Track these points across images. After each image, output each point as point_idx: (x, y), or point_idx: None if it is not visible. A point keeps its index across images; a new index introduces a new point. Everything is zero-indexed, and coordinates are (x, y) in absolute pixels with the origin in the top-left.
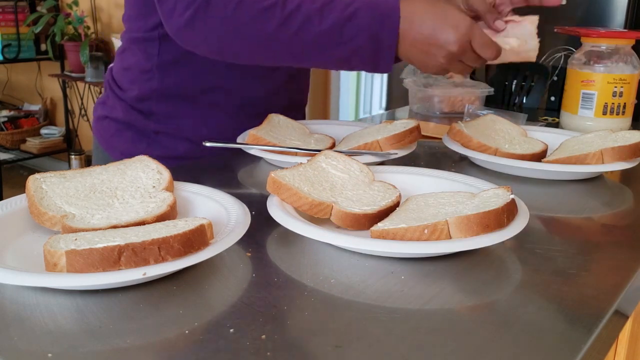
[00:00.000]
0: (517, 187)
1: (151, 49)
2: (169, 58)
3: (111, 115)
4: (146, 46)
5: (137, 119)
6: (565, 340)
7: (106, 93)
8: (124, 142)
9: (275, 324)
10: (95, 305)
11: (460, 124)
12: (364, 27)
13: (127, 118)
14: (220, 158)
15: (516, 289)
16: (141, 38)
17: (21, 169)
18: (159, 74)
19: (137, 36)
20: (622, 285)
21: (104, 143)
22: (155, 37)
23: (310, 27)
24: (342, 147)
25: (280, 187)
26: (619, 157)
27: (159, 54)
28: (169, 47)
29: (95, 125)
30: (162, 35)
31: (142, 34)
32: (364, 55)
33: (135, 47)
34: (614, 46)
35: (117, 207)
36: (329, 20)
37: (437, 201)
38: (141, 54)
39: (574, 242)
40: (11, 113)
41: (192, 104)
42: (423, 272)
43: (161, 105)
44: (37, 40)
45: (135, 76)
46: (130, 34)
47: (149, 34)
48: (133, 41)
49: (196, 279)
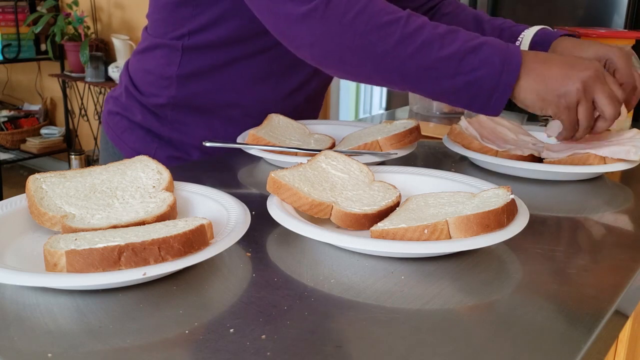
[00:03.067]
0: (517, 187)
1: (174, 57)
2: (190, 69)
3: (124, 112)
4: (169, 53)
5: (151, 121)
6: (565, 340)
7: (121, 89)
8: (135, 140)
9: (275, 324)
10: (95, 305)
11: (462, 122)
12: (488, 61)
13: (140, 119)
14: (220, 158)
15: (516, 289)
16: (164, 44)
17: (21, 169)
18: (177, 83)
19: (160, 42)
20: (622, 285)
21: (114, 138)
22: (179, 47)
23: (429, 51)
24: (342, 147)
25: (280, 187)
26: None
27: (180, 64)
28: (191, 59)
29: (106, 120)
30: (186, 46)
31: (167, 41)
32: (480, 90)
33: (158, 52)
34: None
35: (117, 207)
36: (451, 48)
37: (437, 201)
38: (163, 60)
39: (574, 242)
40: (11, 113)
41: (208, 116)
42: (423, 272)
43: (177, 113)
44: (37, 40)
45: (154, 80)
46: (154, 38)
47: (174, 43)
48: (156, 45)
49: (196, 279)
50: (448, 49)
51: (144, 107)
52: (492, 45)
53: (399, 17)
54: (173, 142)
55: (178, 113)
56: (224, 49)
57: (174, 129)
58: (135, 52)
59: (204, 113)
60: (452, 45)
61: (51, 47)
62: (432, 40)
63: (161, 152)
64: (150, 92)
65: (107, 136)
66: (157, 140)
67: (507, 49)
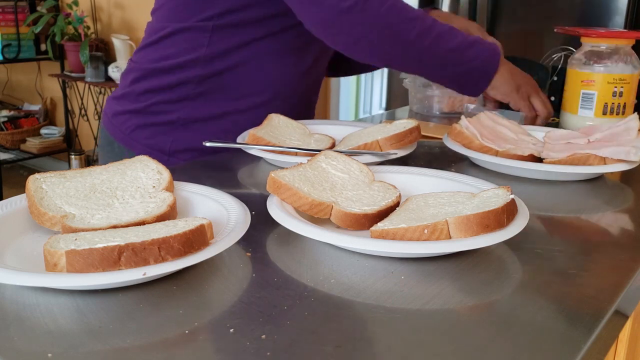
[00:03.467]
0: (517, 187)
1: (201, 39)
2: (218, 49)
3: (132, 109)
4: (196, 35)
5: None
6: (565, 340)
7: (126, 88)
8: (149, 136)
9: (275, 324)
10: (95, 305)
11: (463, 121)
12: (481, 54)
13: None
14: (220, 158)
15: (516, 289)
16: (189, 27)
17: (21, 169)
18: (204, 63)
19: (183, 26)
20: (622, 285)
21: (123, 138)
22: (208, 27)
23: (441, 42)
24: (342, 147)
25: (280, 187)
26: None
27: (209, 44)
28: (221, 38)
29: (111, 121)
30: (216, 26)
31: (192, 24)
32: (473, 76)
33: (180, 36)
34: (614, 46)
35: (117, 207)
36: (456, 41)
37: (437, 201)
38: (187, 43)
39: (574, 242)
40: (11, 113)
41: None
42: (423, 272)
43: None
44: (37, 40)
45: (177, 64)
46: (176, 23)
47: (202, 24)
48: (178, 30)
49: (196, 279)
50: (454, 41)
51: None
52: (482, 42)
53: (419, 13)
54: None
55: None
56: (252, 27)
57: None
58: (147, 45)
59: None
60: (456, 39)
61: (51, 47)
62: (443, 33)
63: (177, 144)
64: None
65: (112, 137)
66: (173, 133)
67: (493, 46)
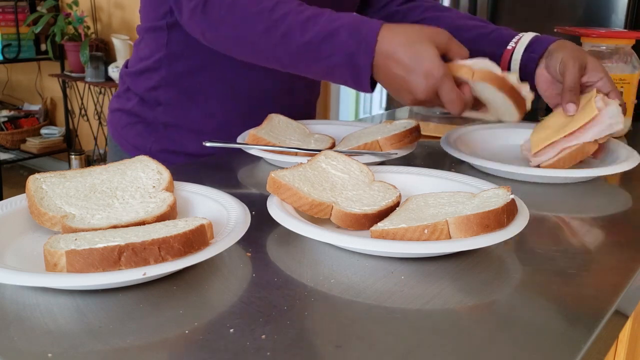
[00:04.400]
0: (517, 187)
1: (161, 38)
2: (177, 48)
3: (124, 107)
4: (156, 35)
5: (146, 110)
6: (565, 340)
7: (120, 87)
8: (134, 135)
9: (275, 324)
10: (95, 305)
11: None
12: (341, 46)
13: (136, 110)
14: (220, 158)
15: (516, 289)
16: (152, 27)
17: (21, 169)
18: (167, 63)
19: (148, 26)
20: (622, 285)
21: (116, 135)
22: (164, 26)
23: (292, 37)
24: (342, 147)
25: (280, 187)
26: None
27: (167, 43)
28: (177, 36)
29: (110, 118)
30: (170, 24)
31: (153, 23)
32: (343, 73)
33: (147, 37)
34: (614, 46)
35: (117, 207)
36: (309, 35)
37: (437, 201)
38: (152, 43)
39: (574, 242)
40: (11, 113)
41: (199, 96)
42: (423, 272)
43: (169, 93)
44: (37, 40)
45: (147, 66)
46: (144, 23)
47: (159, 23)
48: (146, 31)
49: (196, 279)
50: (307, 35)
51: (139, 96)
52: (349, 27)
53: (264, 7)
54: (169, 132)
55: (170, 93)
56: None
57: (167, 113)
58: (134, 46)
59: (195, 92)
60: (310, 32)
61: (51, 47)
62: (294, 27)
63: (158, 144)
64: (143, 78)
65: (110, 133)
66: (154, 134)
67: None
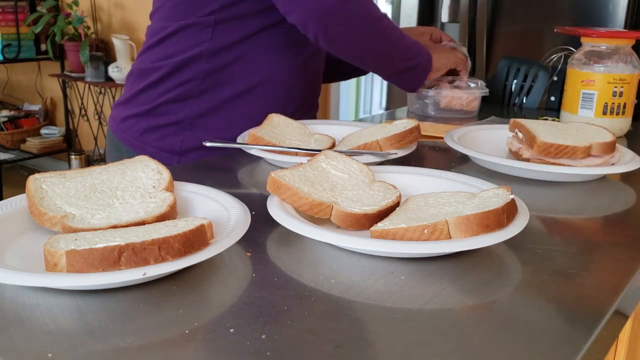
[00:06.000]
0: (517, 187)
1: (204, 34)
2: (221, 43)
3: (137, 111)
4: (198, 30)
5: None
6: (565, 340)
7: (132, 91)
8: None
9: (275, 324)
10: (95, 305)
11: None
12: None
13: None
14: (220, 158)
15: (516, 289)
16: (191, 24)
17: (21, 169)
18: (207, 57)
19: (185, 23)
20: (622, 285)
21: (132, 142)
22: (211, 22)
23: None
24: (342, 147)
25: (280, 187)
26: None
27: (211, 39)
28: (223, 32)
29: (119, 127)
30: (217, 20)
31: (195, 20)
32: (418, 72)
33: (182, 34)
34: (614, 46)
35: (117, 207)
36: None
37: (437, 201)
38: (190, 40)
39: (574, 242)
40: (11, 113)
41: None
42: (423, 272)
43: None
44: (37, 40)
45: (182, 60)
46: (181, 20)
47: (204, 19)
48: (180, 28)
49: (196, 279)
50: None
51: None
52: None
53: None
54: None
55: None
56: (252, 19)
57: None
58: (149, 47)
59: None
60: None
61: (51, 47)
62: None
63: (187, 143)
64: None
65: (120, 141)
66: (182, 132)
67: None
